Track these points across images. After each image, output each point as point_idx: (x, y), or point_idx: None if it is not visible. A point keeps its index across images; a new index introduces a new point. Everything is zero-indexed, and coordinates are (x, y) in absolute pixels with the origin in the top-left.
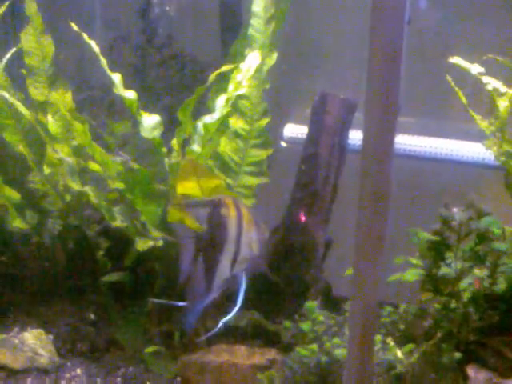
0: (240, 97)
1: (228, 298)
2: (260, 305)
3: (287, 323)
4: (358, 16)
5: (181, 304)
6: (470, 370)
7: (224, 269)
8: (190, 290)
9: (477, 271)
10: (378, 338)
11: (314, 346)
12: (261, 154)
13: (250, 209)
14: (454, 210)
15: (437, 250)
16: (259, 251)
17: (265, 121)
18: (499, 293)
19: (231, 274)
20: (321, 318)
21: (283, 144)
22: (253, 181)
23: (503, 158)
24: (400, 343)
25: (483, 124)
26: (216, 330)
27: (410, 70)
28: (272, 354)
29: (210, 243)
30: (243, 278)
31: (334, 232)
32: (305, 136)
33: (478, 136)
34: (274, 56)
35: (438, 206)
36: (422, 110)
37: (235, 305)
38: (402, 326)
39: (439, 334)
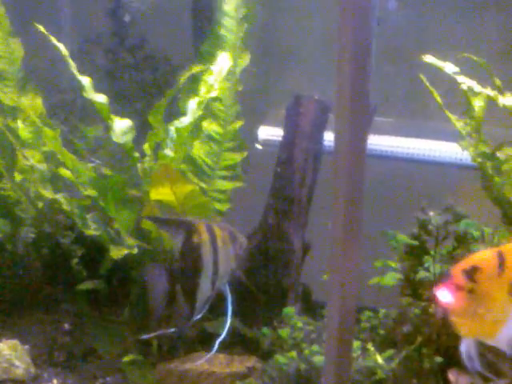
0: (213, 99)
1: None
2: (239, 312)
3: (265, 330)
4: (330, 17)
5: (171, 331)
6: (451, 375)
7: (204, 290)
8: (174, 317)
9: None
10: (357, 343)
11: (293, 353)
12: (235, 158)
13: (224, 223)
14: (431, 213)
15: (415, 255)
16: (238, 262)
17: (238, 123)
18: None
19: (213, 291)
20: (299, 324)
21: (258, 147)
22: (227, 185)
23: (479, 160)
24: (380, 348)
25: (459, 124)
26: (213, 351)
27: (385, 70)
28: (251, 361)
29: (186, 271)
30: (228, 291)
31: (314, 236)
32: (280, 138)
33: (456, 136)
34: (247, 57)
35: (417, 207)
36: (399, 110)
37: (226, 319)
38: (382, 331)
39: (419, 339)
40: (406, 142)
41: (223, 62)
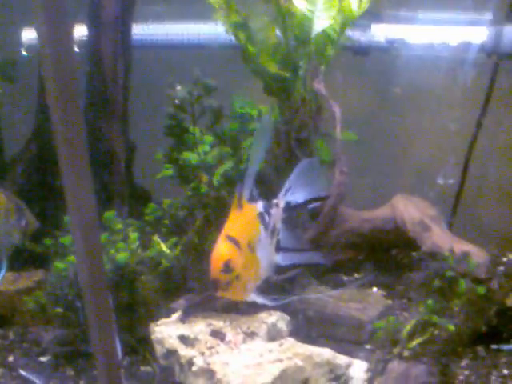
0: None
1: None
2: None
3: (48, 240)
4: None
5: None
6: None
7: None
8: None
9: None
10: (134, 235)
11: (72, 258)
12: None
13: (8, 193)
14: (178, 87)
15: (175, 135)
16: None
17: None
18: None
19: None
20: None
21: (24, 53)
22: None
23: (232, 30)
24: (167, 238)
25: None
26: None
27: None
28: (39, 275)
29: None
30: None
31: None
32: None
33: None
34: None
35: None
36: None
37: None
38: (167, 221)
39: (198, 222)
40: (167, 27)
41: None
